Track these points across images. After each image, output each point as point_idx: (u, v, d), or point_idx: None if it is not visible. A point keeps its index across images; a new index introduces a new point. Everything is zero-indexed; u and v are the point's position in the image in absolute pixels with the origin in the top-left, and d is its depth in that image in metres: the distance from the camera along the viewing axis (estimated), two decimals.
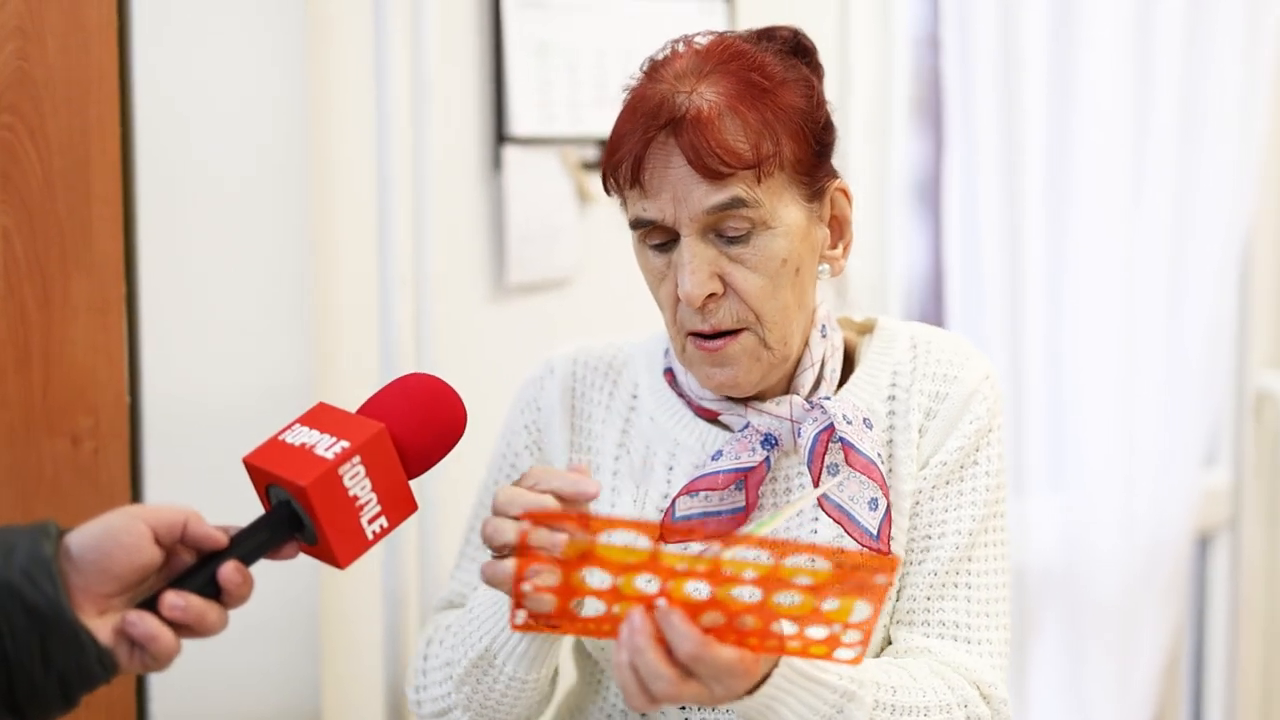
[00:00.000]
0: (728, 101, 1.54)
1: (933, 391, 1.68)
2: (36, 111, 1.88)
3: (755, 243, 1.56)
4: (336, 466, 1.36)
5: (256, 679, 2.11)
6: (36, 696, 1.28)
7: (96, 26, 1.93)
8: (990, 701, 1.59)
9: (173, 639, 1.32)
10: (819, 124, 1.60)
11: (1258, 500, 3.61)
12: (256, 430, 2.05)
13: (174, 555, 1.36)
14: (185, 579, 1.34)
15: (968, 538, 1.65)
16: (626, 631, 1.27)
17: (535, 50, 2.41)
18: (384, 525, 1.41)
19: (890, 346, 1.72)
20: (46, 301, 1.91)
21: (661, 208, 1.56)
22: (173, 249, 2.02)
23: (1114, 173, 3.06)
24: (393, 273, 2.25)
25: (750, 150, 1.53)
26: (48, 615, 1.26)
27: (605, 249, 2.51)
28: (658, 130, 1.54)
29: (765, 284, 1.57)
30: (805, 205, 1.59)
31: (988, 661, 1.63)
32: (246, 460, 1.42)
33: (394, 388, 1.49)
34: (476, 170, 2.38)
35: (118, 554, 1.31)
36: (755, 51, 1.60)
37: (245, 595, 1.36)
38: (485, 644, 1.59)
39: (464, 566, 1.82)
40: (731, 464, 1.63)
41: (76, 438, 1.94)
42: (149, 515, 1.34)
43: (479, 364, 2.35)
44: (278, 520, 1.39)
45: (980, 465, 1.67)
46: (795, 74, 1.61)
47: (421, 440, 1.44)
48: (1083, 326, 3.09)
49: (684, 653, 1.25)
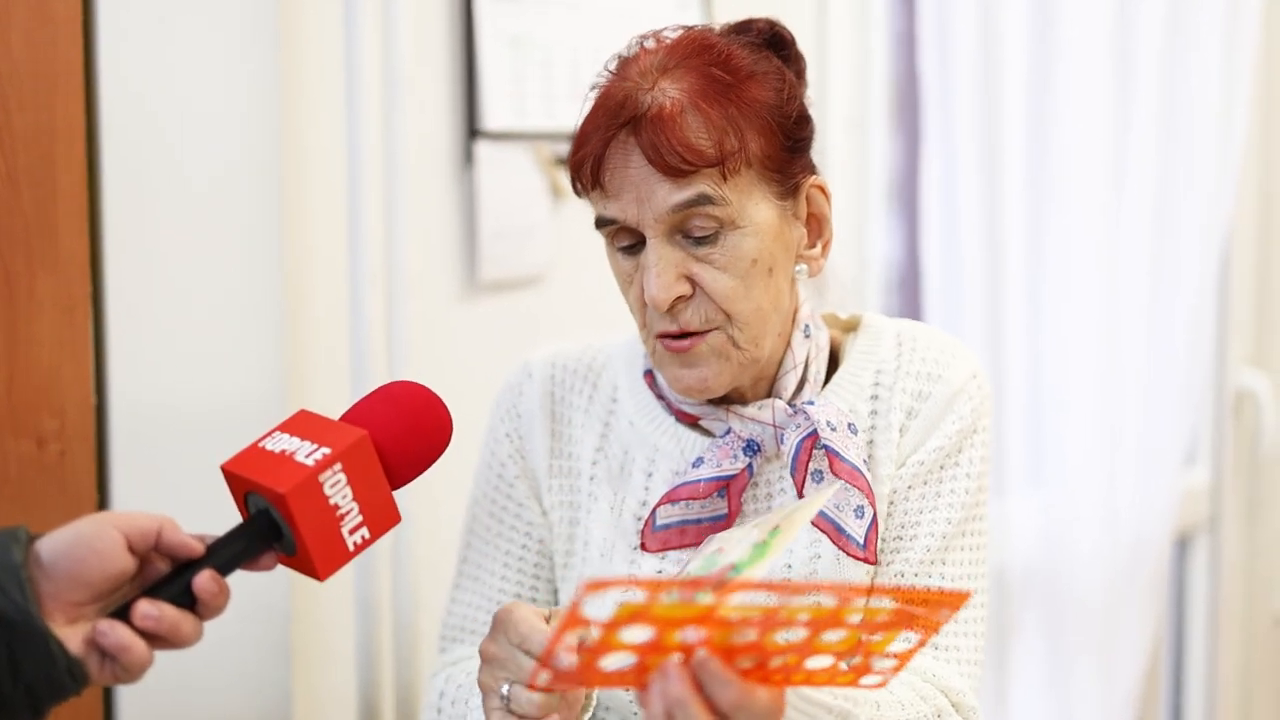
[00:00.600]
0: (689, 98, 1.50)
1: (916, 390, 1.64)
2: (1, 107, 1.85)
3: (723, 243, 1.52)
4: (317, 474, 1.33)
5: (227, 686, 2.08)
6: (4, 707, 1.25)
7: (63, 20, 1.89)
8: (959, 709, 1.57)
9: (145, 650, 1.29)
10: (790, 118, 1.56)
11: (1237, 500, 3.62)
12: (225, 431, 2.04)
13: (148, 564, 1.33)
14: (159, 588, 1.31)
15: (941, 540, 1.61)
16: (661, 684, 1.21)
17: (508, 44, 2.38)
18: (365, 536, 1.38)
19: (876, 344, 1.68)
20: (11, 300, 1.87)
21: (624, 208, 1.53)
22: (140, 246, 1.99)
23: (1094, 171, 3.06)
24: (364, 269, 2.23)
25: (712, 147, 1.49)
26: (16, 623, 1.23)
27: (579, 246, 2.48)
28: (618, 129, 1.51)
29: (736, 285, 1.53)
30: (777, 203, 1.56)
31: (955, 669, 1.60)
32: (225, 467, 1.39)
33: (378, 395, 1.45)
34: (448, 165, 2.35)
35: (90, 561, 1.28)
36: (723, 45, 1.56)
37: (221, 606, 1.33)
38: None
39: (464, 587, 1.77)
40: (713, 472, 1.59)
41: (42, 439, 1.91)
42: (122, 522, 1.31)
43: (451, 362, 2.33)
44: (256, 529, 1.36)
45: (961, 467, 1.63)
46: (765, 66, 1.57)
47: (405, 449, 1.41)
48: (1063, 325, 3.09)
49: (727, 702, 1.21)
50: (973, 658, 1.62)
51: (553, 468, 1.73)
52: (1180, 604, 3.66)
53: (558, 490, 1.72)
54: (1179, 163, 3.20)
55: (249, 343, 2.09)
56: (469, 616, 1.76)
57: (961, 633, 1.61)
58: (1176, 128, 3.19)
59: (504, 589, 1.74)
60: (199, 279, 2.04)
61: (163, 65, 2.00)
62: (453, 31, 2.34)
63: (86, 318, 1.94)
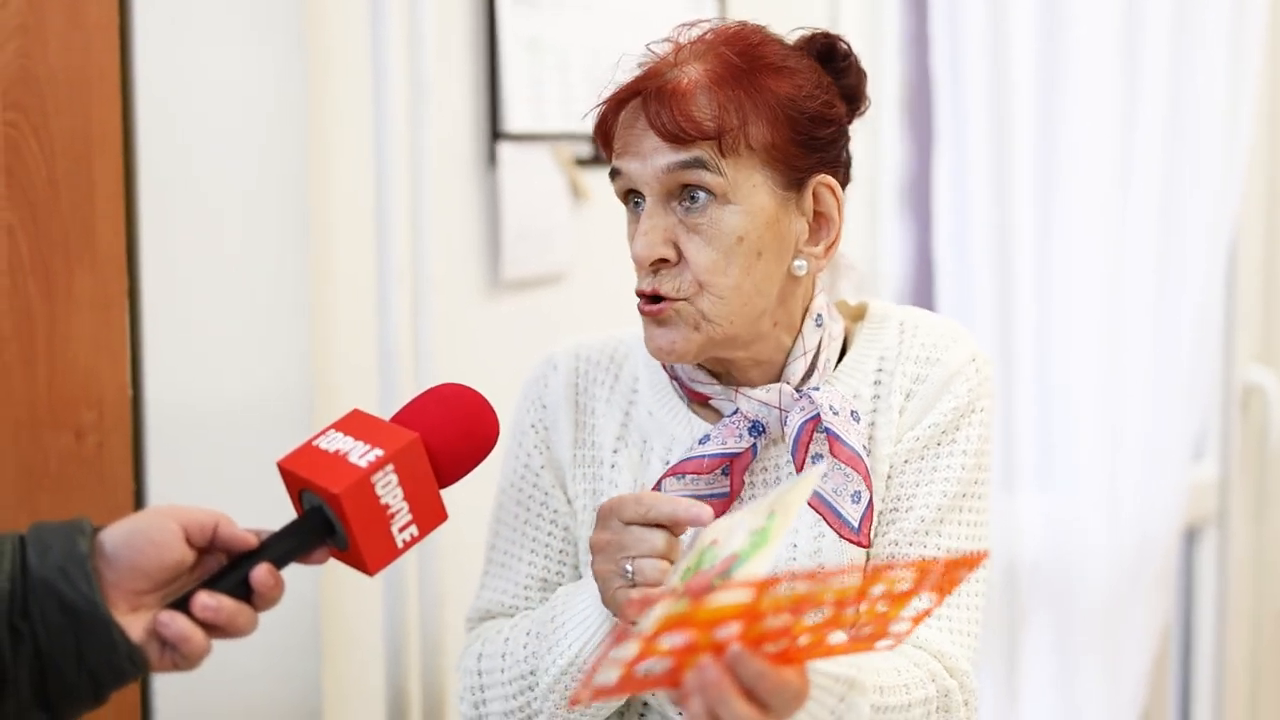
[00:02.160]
0: (708, 79, 1.56)
1: (914, 374, 1.68)
2: (40, 109, 1.89)
3: (711, 213, 1.56)
4: (370, 474, 1.37)
5: (258, 675, 2.12)
6: (68, 692, 1.29)
7: (98, 24, 1.94)
8: (953, 674, 1.59)
9: (204, 639, 1.33)
10: (805, 114, 1.59)
11: (1245, 494, 3.63)
12: (256, 423, 2.08)
13: (205, 557, 1.38)
14: (217, 580, 1.35)
15: (935, 513, 1.65)
16: (699, 682, 1.23)
17: (528, 47, 2.42)
18: (414, 534, 1.42)
19: (880, 331, 1.72)
20: (50, 297, 1.92)
21: (627, 164, 1.59)
22: (174, 245, 2.03)
23: (1102, 169, 3.07)
24: (390, 268, 2.27)
25: (711, 121, 1.54)
26: (82, 612, 1.28)
27: (598, 245, 2.53)
28: (634, 95, 1.59)
29: (717, 259, 1.57)
30: (779, 192, 1.59)
31: (949, 637, 1.63)
32: (281, 464, 1.42)
33: (429, 397, 1.49)
34: (472, 166, 2.40)
35: (150, 551, 1.32)
36: (760, 38, 1.62)
37: (276, 598, 1.37)
38: (578, 647, 1.58)
39: (492, 574, 1.81)
40: (718, 449, 1.63)
41: (80, 432, 1.95)
42: (181, 515, 1.35)
43: (474, 359, 2.36)
44: (310, 525, 1.40)
45: (958, 444, 1.67)
46: (796, 64, 1.62)
47: (454, 450, 1.45)
48: (1071, 323, 3.10)
49: (763, 690, 1.24)
50: (967, 629, 1.65)
51: (577, 457, 1.77)
52: (1188, 598, 3.67)
53: (582, 479, 1.76)
54: (1186, 160, 3.22)
55: (279, 339, 2.13)
56: (496, 601, 1.79)
57: (956, 604, 1.64)
58: (1183, 125, 3.21)
59: (531, 574, 1.77)
60: (231, 277, 2.09)
61: (195, 70, 2.04)
62: (475, 36, 2.38)
63: (123, 315, 1.98)
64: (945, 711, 1.57)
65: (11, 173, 1.88)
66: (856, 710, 1.46)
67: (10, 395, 1.90)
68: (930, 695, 1.56)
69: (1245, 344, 3.59)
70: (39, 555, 1.29)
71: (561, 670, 1.60)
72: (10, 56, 1.87)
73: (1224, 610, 3.63)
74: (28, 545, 1.31)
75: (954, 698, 1.58)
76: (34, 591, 1.28)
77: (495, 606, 1.79)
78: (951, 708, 1.58)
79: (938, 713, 1.57)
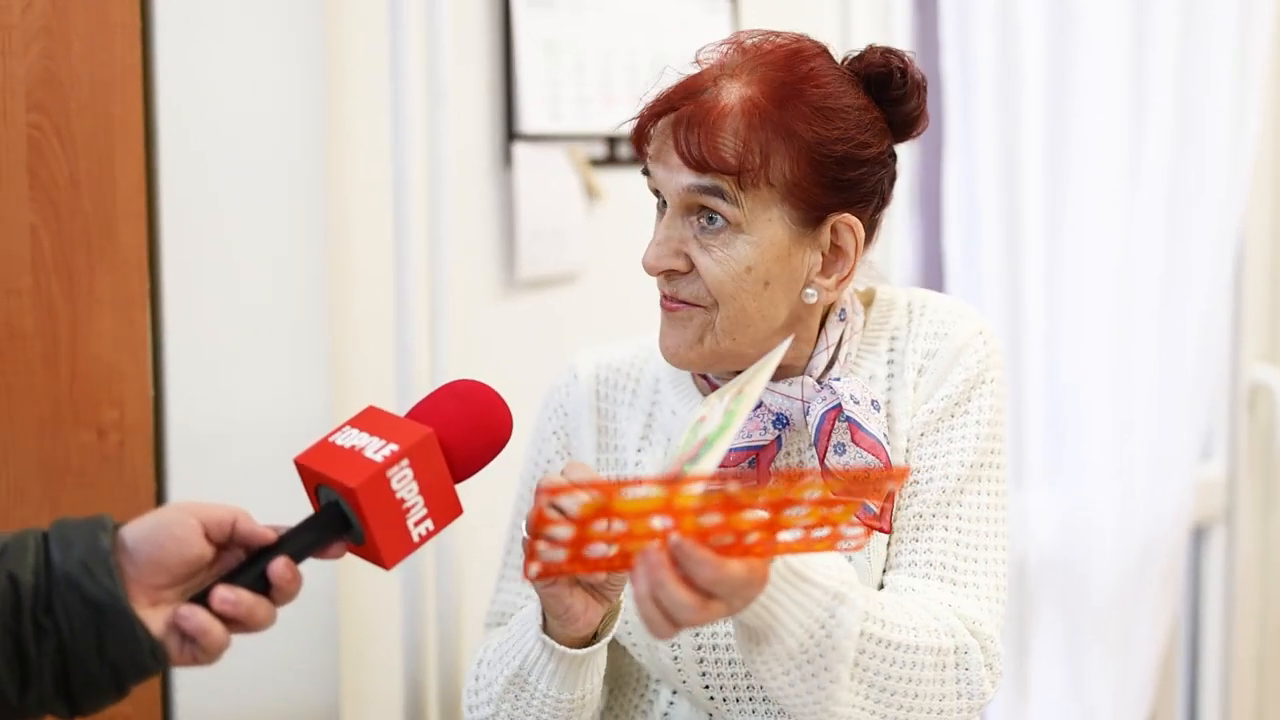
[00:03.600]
0: (740, 108, 1.56)
1: (925, 349, 1.70)
2: (63, 110, 1.91)
3: (724, 238, 1.58)
4: (385, 469, 1.38)
5: (277, 672, 2.14)
6: (90, 685, 1.31)
7: (120, 27, 1.96)
8: (977, 635, 1.60)
9: (223, 633, 1.34)
10: (832, 157, 1.59)
11: (1252, 492, 3.64)
12: (275, 421, 2.10)
13: (225, 553, 1.39)
14: (236, 575, 1.36)
15: (955, 482, 1.67)
16: (644, 566, 1.28)
17: (544, 48, 2.44)
18: (430, 528, 1.43)
19: (889, 313, 1.74)
20: (72, 296, 1.94)
21: (656, 172, 1.61)
22: (194, 244, 2.05)
23: (1110, 169, 3.09)
24: (408, 267, 2.29)
25: (734, 158, 1.55)
26: (105, 606, 1.29)
27: (613, 245, 2.55)
28: (670, 110, 1.59)
29: (725, 281, 1.58)
30: (793, 228, 1.60)
31: (974, 603, 1.63)
32: (298, 460, 1.44)
33: (444, 393, 1.50)
34: (487, 167, 2.42)
35: (170, 546, 1.33)
36: (813, 68, 1.60)
37: (294, 592, 1.38)
38: (519, 662, 1.61)
39: (508, 577, 1.83)
40: (744, 442, 1.66)
41: (102, 430, 1.97)
42: (200, 511, 1.36)
43: (490, 358, 2.38)
44: (326, 520, 1.41)
45: (971, 415, 1.69)
46: (834, 102, 1.60)
47: (468, 445, 1.46)
48: (1079, 322, 3.12)
49: (703, 579, 1.27)
50: (993, 595, 1.66)
51: (600, 461, 1.79)
52: (1196, 595, 3.68)
53: None
54: (1193, 160, 3.23)
55: (298, 337, 2.15)
56: (512, 603, 1.82)
57: (980, 571, 1.66)
58: (1191, 126, 3.22)
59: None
60: (251, 277, 2.11)
61: (215, 71, 2.06)
62: (491, 38, 2.40)
63: (144, 314, 2.00)
64: (963, 669, 1.57)
65: (34, 173, 1.90)
66: (845, 625, 1.46)
67: (33, 393, 1.92)
68: (944, 647, 1.55)
69: (1252, 343, 3.60)
70: (62, 551, 1.31)
71: (509, 680, 1.63)
72: (34, 58, 1.89)
73: (1231, 608, 3.65)
74: (51, 541, 1.32)
75: (973, 656, 1.58)
76: (57, 586, 1.30)
77: (511, 609, 1.81)
78: (970, 666, 1.57)
79: (955, 669, 1.56)
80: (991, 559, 1.67)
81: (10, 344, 1.90)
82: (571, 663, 1.58)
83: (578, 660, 1.58)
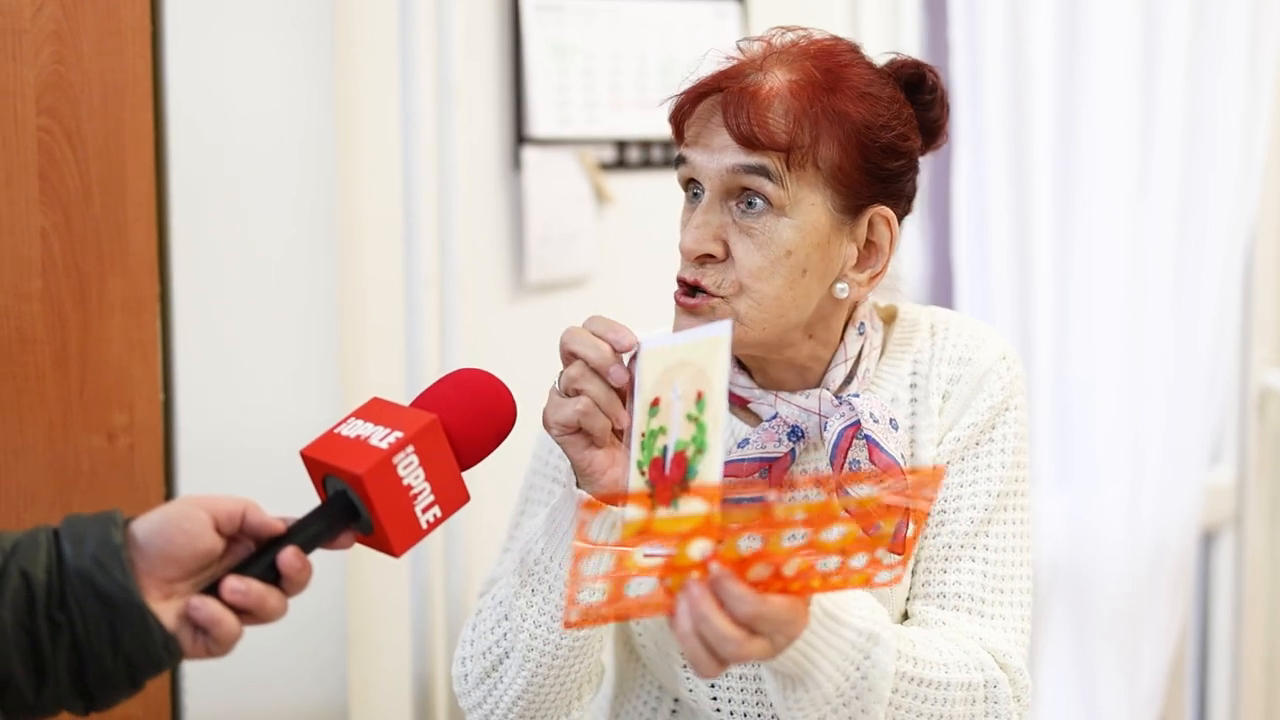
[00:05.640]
0: (789, 89, 1.56)
1: (950, 375, 1.70)
2: (73, 115, 1.92)
3: (765, 221, 1.57)
4: (390, 456, 1.39)
5: (286, 671, 2.15)
6: (105, 680, 1.32)
7: (130, 31, 1.97)
8: (1006, 669, 1.60)
9: (235, 623, 1.35)
10: (877, 143, 1.60)
11: (1261, 497, 3.64)
12: (286, 424, 2.11)
13: (235, 544, 1.40)
14: (246, 565, 1.37)
15: (983, 513, 1.67)
16: (686, 603, 1.27)
17: (553, 52, 2.45)
18: (437, 515, 1.44)
19: (912, 335, 1.74)
20: (83, 300, 1.95)
21: (694, 156, 1.60)
22: (205, 249, 2.06)
23: (1120, 174, 3.09)
24: (417, 270, 2.29)
25: (785, 134, 1.55)
26: (118, 600, 1.30)
27: (622, 248, 2.55)
28: (717, 92, 1.59)
29: (763, 265, 1.57)
30: (834, 214, 1.60)
31: (1001, 635, 1.64)
32: (304, 452, 1.44)
33: (446, 381, 1.51)
34: (497, 171, 2.42)
35: (180, 539, 1.34)
36: (850, 58, 1.62)
37: (304, 581, 1.39)
38: (540, 547, 1.60)
39: (512, 550, 1.81)
40: (757, 453, 1.65)
41: (112, 434, 1.98)
42: (209, 503, 1.37)
43: (499, 361, 2.35)
44: (334, 510, 1.42)
45: (996, 442, 1.69)
46: (879, 91, 1.62)
47: (473, 432, 1.47)
48: (1089, 327, 3.12)
49: (744, 614, 1.26)
50: (1019, 626, 1.67)
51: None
52: (1205, 599, 3.68)
53: None
54: (1204, 166, 3.22)
55: (308, 340, 2.16)
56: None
57: (1007, 603, 1.67)
58: (1201, 131, 3.21)
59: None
60: (261, 280, 2.11)
61: (226, 75, 2.07)
62: (501, 42, 2.41)
63: (154, 317, 2.01)
64: (992, 702, 1.58)
65: (45, 177, 1.91)
66: (880, 666, 1.46)
67: (43, 397, 1.93)
68: (974, 682, 1.56)
69: (1261, 348, 3.59)
70: (74, 547, 1.32)
71: (523, 565, 1.61)
72: (45, 62, 1.90)
73: (1240, 612, 3.64)
74: (62, 537, 1.33)
75: (1002, 690, 1.58)
76: (70, 582, 1.31)
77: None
78: (1000, 700, 1.58)
79: (984, 702, 1.57)
80: (1018, 589, 1.68)
81: (21, 348, 1.91)
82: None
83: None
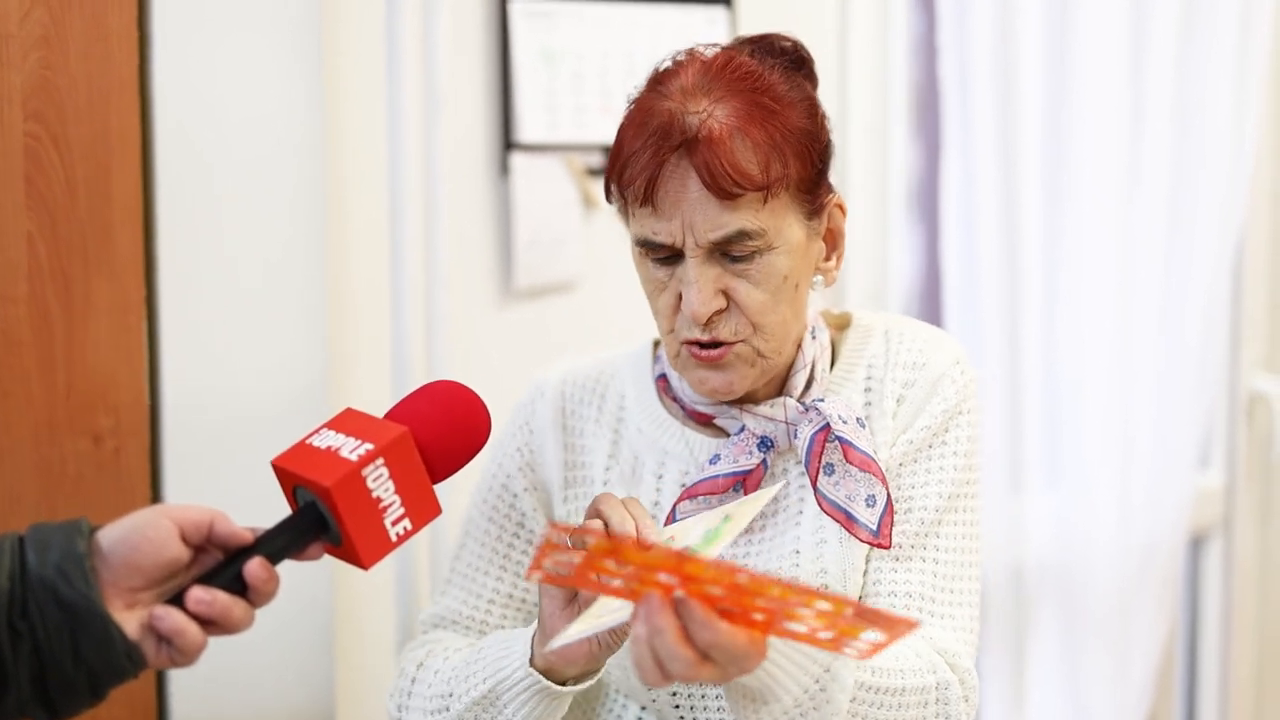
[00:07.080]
0: (737, 122, 1.55)
1: (904, 379, 1.72)
2: (59, 118, 1.92)
3: (759, 262, 1.59)
4: (360, 468, 1.39)
5: (272, 676, 2.15)
6: (67, 688, 1.32)
7: (117, 36, 1.97)
8: (956, 670, 1.62)
9: (199, 634, 1.34)
10: (821, 143, 1.63)
11: (1250, 501, 3.64)
12: (273, 428, 2.11)
13: (203, 555, 1.40)
14: (212, 575, 1.37)
15: (934, 514, 1.68)
16: (645, 610, 1.27)
17: (541, 57, 2.45)
18: (407, 528, 1.44)
19: (866, 341, 1.76)
20: (69, 304, 1.95)
21: (672, 231, 1.57)
22: (191, 252, 2.06)
23: (1109, 175, 3.09)
24: (404, 276, 2.29)
25: (760, 172, 1.55)
26: (79, 609, 1.30)
27: (609, 254, 2.55)
28: (671, 151, 1.55)
29: (767, 299, 1.60)
30: (805, 223, 1.62)
31: (951, 635, 1.65)
32: (275, 463, 1.45)
33: (420, 394, 1.51)
34: (484, 176, 2.42)
35: (145, 549, 1.34)
36: (762, 70, 1.61)
37: (271, 593, 1.39)
38: (491, 684, 1.60)
39: (455, 583, 1.83)
40: (730, 467, 1.66)
41: (98, 437, 1.98)
42: (176, 513, 1.37)
43: (485, 366, 2.38)
44: (303, 521, 1.42)
45: (949, 445, 1.70)
46: (800, 93, 1.63)
47: (445, 445, 1.47)
48: (1079, 329, 3.12)
49: (702, 640, 1.27)
50: (968, 625, 1.68)
51: (568, 479, 1.79)
52: (1194, 604, 3.68)
53: (573, 499, 1.79)
54: (1193, 167, 3.22)
55: (294, 345, 2.16)
56: (456, 610, 1.81)
57: (957, 603, 1.68)
58: (1190, 133, 3.21)
59: (499, 590, 1.80)
60: (247, 284, 2.11)
61: (213, 79, 2.07)
62: (488, 47, 2.41)
63: (140, 321, 2.01)
64: (943, 704, 1.59)
65: (31, 181, 1.91)
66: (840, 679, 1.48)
67: (29, 400, 1.93)
68: (927, 685, 1.58)
69: (1251, 352, 3.59)
70: (38, 555, 1.31)
71: (474, 700, 1.62)
72: (32, 67, 1.90)
73: (1229, 616, 3.64)
74: (26, 545, 1.33)
75: (953, 691, 1.60)
76: (33, 591, 1.31)
77: (453, 615, 1.82)
78: (950, 700, 1.60)
79: (936, 704, 1.59)
80: (966, 589, 1.70)
81: (6, 351, 1.91)
82: (548, 699, 1.58)
83: (554, 697, 1.58)
